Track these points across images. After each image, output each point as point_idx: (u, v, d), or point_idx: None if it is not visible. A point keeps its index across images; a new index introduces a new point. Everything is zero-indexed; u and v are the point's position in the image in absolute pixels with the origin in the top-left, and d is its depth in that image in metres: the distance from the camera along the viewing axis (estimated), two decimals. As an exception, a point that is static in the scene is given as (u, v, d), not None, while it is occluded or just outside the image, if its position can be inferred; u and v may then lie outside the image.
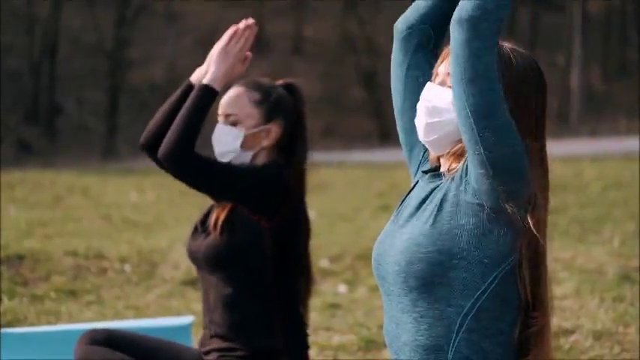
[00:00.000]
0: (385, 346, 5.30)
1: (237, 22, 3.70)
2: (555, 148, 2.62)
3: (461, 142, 2.53)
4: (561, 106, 30.18)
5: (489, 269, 2.46)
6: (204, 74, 3.72)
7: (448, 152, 2.58)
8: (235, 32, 3.70)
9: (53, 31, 29.82)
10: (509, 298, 2.49)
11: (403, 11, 2.77)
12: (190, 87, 3.74)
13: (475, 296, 2.46)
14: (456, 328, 2.46)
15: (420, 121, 2.59)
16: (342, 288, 6.98)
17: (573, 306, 6.09)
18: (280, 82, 3.88)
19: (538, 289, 2.51)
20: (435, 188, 2.58)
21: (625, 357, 5.20)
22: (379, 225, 10.13)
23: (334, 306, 6.41)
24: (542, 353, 2.52)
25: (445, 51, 2.60)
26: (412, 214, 2.57)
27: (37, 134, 28.00)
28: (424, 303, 2.48)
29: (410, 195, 2.66)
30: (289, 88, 3.85)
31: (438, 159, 2.65)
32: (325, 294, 6.71)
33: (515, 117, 2.48)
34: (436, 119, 2.56)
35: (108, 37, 30.15)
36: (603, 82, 33.71)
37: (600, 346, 5.33)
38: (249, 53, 3.72)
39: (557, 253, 7.53)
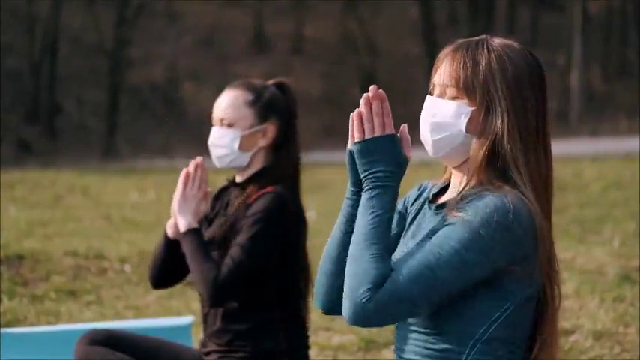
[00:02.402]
0: (385, 346, 5.31)
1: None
2: (555, 148, 2.60)
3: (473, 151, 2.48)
4: (561, 106, 30.18)
5: (503, 301, 2.42)
6: (175, 226, 3.74)
7: (471, 173, 2.49)
8: (187, 176, 3.72)
9: (53, 31, 29.82)
10: (522, 323, 2.46)
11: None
12: (167, 236, 3.77)
13: (487, 324, 2.42)
14: (467, 350, 2.42)
15: (426, 138, 2.52)
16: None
17: (573, 306, 6.08)
18: (271, 81, 3.88)
19: (553, 296, 2.50)
20: (439, 220, 2.49)
21: (625, 357, 5.20)
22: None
23: (334, 306, 6.41)
24: (549, 355, 2.51)
25: (438, 59, 2.53)
26: (420, 245, 2.47)
27: (37, 134, 28.00)
28: (435, 328, 2.44)
29: (417, 220, 2.58)
30: (281, 87, 3.85)
31: (449, 176, 2.59)
32: (325, 294, 6.70)
33: (515, 116, 2.45)
34: (442, 135, 2.48)
35: (108, 37, 30.14)
36: (603, 82, 33.70)
37: (600, 346, 5.33)
38: (208, 190, 3.73)
39: (558, 253, 7.52)
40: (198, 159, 3.75)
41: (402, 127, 2.49)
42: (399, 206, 2.66)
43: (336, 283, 2.53)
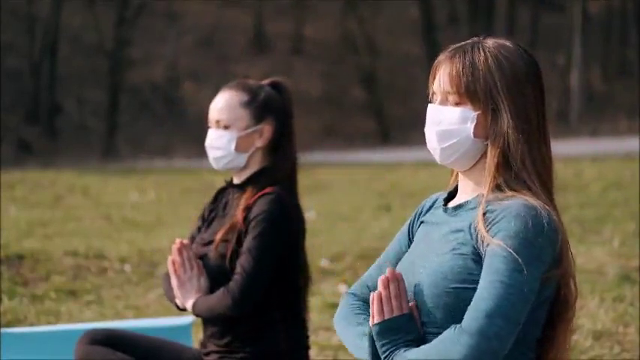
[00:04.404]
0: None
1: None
2: (555, 148, 2.60)
3: (484, 156, 2.49)
4: (561, 106, 30.17)
5: None
6: (183, 304, 3.76)
7: (486, 184, 2.49)
8: (174, 264, 3.70)
9: (53, 31, 29.79)
10: (535, 323, 2.46)
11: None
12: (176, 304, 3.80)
13: None
14: None
15: (434, 146, 2.53)
16: (342, 288, 6.97)
17: (573, 306, 6.08)
18: (267, 81, 3.87)
19: (570, 292, 2.50)
20: (458, 221, 2.50)
21: (625, 357, 5.20)
22: (379, 225, 10.16)
23: (334, 306, 6.41)
24: (559, 353, 2.51)
25: (435, 66, 2.53)
26: (438, 245, 2.50)
27: (37, 134, 27.98)
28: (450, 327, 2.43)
29: (434, 222, 2.59)
30: (276, 86, 3.84)
31: (456, 177, 2.60)
32: (325, 294, 6.71)
33: (517, 115, 2.45)
34: (450, 142, 2.50)
35: (108, 36, 30.12)
36: (603, 82, 33.69)
37: (600, 346, 5.33)
38: (199, 263, 3.71)
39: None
40: (177, 242, 3.71)
41: (411, 304, 2.50)
42: (411, 221, 2.68)
43: None
